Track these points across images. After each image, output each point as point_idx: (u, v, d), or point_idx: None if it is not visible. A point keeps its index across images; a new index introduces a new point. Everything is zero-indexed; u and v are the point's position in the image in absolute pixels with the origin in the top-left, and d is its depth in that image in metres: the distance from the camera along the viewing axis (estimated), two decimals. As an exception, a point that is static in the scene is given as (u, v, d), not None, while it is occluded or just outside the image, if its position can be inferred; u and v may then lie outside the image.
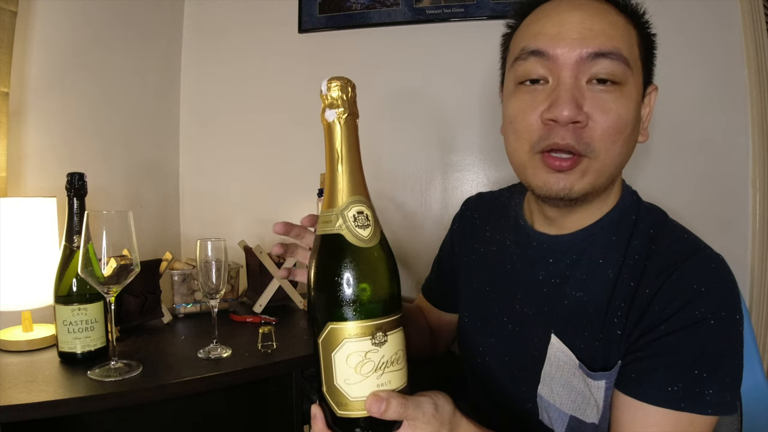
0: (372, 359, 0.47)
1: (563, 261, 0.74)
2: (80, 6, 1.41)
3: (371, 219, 0.50)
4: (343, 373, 0.48)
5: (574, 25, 0.63)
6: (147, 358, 1.00)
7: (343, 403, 0.49)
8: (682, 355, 0.60)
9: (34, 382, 0.88)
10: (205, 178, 1.85)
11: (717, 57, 1.51)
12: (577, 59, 0.63)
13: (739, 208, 1.51)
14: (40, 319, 1.15)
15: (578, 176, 0.65)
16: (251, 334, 1.16)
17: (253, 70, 1.80)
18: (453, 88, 1.66)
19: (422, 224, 1.69)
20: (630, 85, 0.64)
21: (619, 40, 0.63)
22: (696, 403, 0.59)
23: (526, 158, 0.68)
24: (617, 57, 0.62)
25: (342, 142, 0.49)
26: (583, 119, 0.62)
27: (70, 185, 0.99)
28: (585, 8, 0.64)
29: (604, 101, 0.63)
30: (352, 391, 0.48)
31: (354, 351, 0.47)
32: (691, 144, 1.52)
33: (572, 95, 0.62)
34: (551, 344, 0.71)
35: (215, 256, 1.04)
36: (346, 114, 0.49)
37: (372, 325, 0.48)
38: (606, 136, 0.63)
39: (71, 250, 0.98)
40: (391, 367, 0.49)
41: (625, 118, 0.63)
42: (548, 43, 0.64)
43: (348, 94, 0.49)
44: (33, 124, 1.27)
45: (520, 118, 0.67)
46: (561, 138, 0.63)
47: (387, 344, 0.48)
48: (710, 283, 0.62)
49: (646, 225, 0.71)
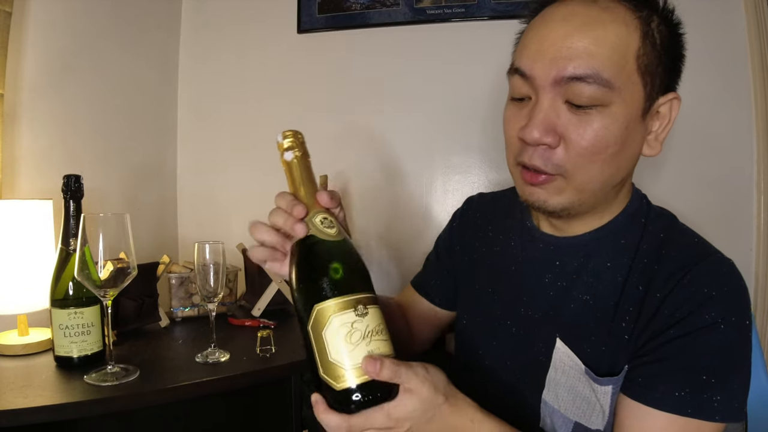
0: (358, 329, 0.54)
1: (570, 264, 0.73)
2: (76, 7, 1.42)
3: (335, 223, 0.61)
4: (335, 347, 0.53)
5: (554, 42, 0.62)
6: (144, 363, 1.01)
7: (340, 375, 0.53)
8: (690, 359, 0.60)
9: (30, 387, 0.88)
10: (203, 180, 1.86)
11: (720, 57, 1.51)
12: (552, 81, 0.62)
13: (743, 210, 1.51)
14: (36, 323, 1.16)
15: (553, 192, 0.66)
16: (250, 338, 1.16)
17: (251, 71, 1.81)
18: (454, 89, 1.66)
19: (423, 227, 1.70)
20: (616, 105, 0.61)
21: (602, 60, 0.60)
22: (703, 410, 0.59)
23: (512, 167, 0.72)
24: (594, 80, 0.60)
25: (301, 173, 0.64)
26: (553, 142, 0.62)
27: (67, 187, 0.99)
28: (574, 19, 0.62)
29: (581, 123, 0.62)
30: (346, 361, 0.53)
31: (341, 323, 0.54)
32: (694, 146, 1.53)
33: (544, 118, 0.62)
34: (556, 348, 0.71)
35: (213, 259, 1.04)
36: (300, 153, 0.64)
37: (352, 299, 0.55)
38: (580, 157, 0.62)
39: (67, 253, 0.99)
40: (377, 336, 0.55)
41: (603, 139, 0.62)
42: (527, 63, 0.65)
43: (299, 140, 0.64)
44: (28, 125, 1.28)
45: (507, 129, 0.70)
46: (528, 158, 0.65)
47: (369, 315, 0.55)
48: (721, 287, 0.62)
49: (656, 229, 0.71)
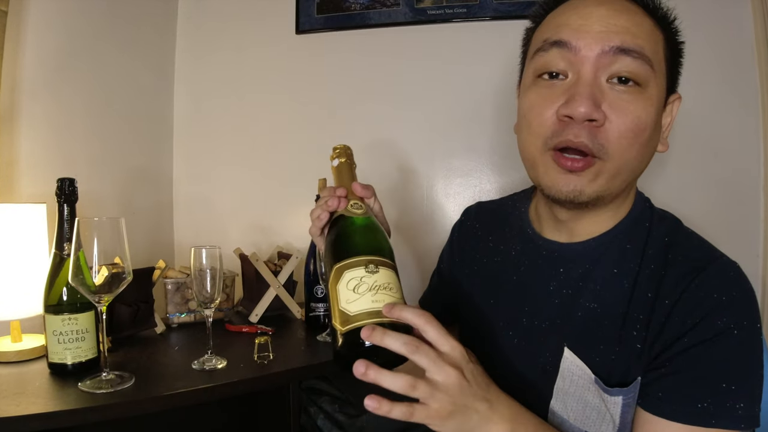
0: (366, 282, 0.59)
1: (575, 270, 0.73)
2: (72, 7, 1.42)
3: (363, 207, 0.70)
4: (344, 297, 0.59)
5: (600, 18, 0.64)
6: (139, 370, 1.01)
7: (345, 320, 0.58)
8: (708, 368, 0.60)
9: (23, 394, 0.88)
10: (200, 183, 1.85)
11: (727, 60, 1.51)
12: (599, 53, 0.63)
13: (750, 215, 1.51)
14: (29, 329, 1.16)
15: (590, 179, 0.65)
16: (247, 345, 1.16)
17: (249, 72, 1.81)
18: (455, 91, 1.66)
19: (424, 231, 1.70)
20: (652, 88, 0.64)
21: (644, 39, 0.63)
22: (729, 418, 0.59)
23: (538, 155, 0.68)
24: (640, 56, 0.62)
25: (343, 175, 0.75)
26: (600, 118, 0.62)
27: (61, 191, 0.99)
28: (612, 5, 0.65)
29: (624, 102, 0.63)
30: (352, 308, 0.58)
31: (351, 277, 0.60)
32: (700, 148, 1.53)
33: (591, 92, 0.62)
34: (564, 357, 0.71)
35: (210, 264, 1.04)
36: (344, 160, 0.76)
37: (365, 259, 0.61)
38: (622, 138, 0.63)
39: (61, 258, 0.99)
40: (384, 291, 0.59)
41: (644, 122, 0.63)
42: (571, 34, 0.65)
43: (346, 152, 0.77)
44: (22, 128, 1.28)
45: (536, 111, 0.67)
46: (575, 135, 0.63)
47: (379, 273, 0.60)
48: (730, 291, 0.62)
49: (660, 233, 0.70)
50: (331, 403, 1.15)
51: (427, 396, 0.55)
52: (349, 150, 0.78)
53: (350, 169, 0.77)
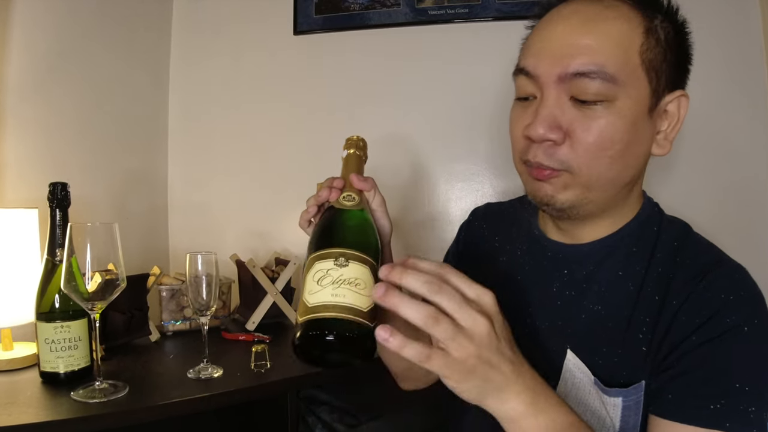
0: (331, 275, 0.58)
1: (579, 272, 0.74)
2: (63, 5, 1.41)
3: (356, 199, 0.70)
4: (308, 287, 0.58)
5: (557, 40, 0.66)
6: (134, 379, 1.00)
7: (304, 310, 0.57)
8: (719, 367, 0.60)
9: (15, 404, 0.88)
10: (195, 188, 1.85)
11: (735, 61, 1.51)
12: (556, 79, 0.65)
13: (759, 220, 1.51)
14: (20, 337, 1.16)
15: (559, 188, 0.68)
16: (244, 353, 1.16)
17: (245, 74, 1.81)
18: (456, 93, 1.67)
19: (425, 235, 1.70)
20: (622, 100, 0.64)
21: (605, 55, 0.63)
22: (740, 422, 0.59)
23: (518, 165, 0.74)
24: (598, 75, 0.62)
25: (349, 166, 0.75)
26: (558, 138, 0.64)
27: (53, 196, 0.99)
28: (576, 17, 0.66)
29: (587, 119, 0.64)
30: (311, 299, 0.57)
31: (319, 269, 0.59)
32: (707, 152, 1.52)
33: (549, 114, 0.65)
34: (567, 360, 0.71)
35: (206, 270, 1.04)
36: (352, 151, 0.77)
37: (336, 251, 0.60)
38: (587, 152, 0.65)
39: (54, 264, 0.98)
40: (347, 285, 0.57)
41: (608, 135, 0.64)
42: (530, 61, 0.68)
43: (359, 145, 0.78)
44: (13, 130, 1.28)
45: (512, 128, 0.73)
46: (533, 156, 0.68)
47: (347, 268, 0.58)
48: (737, 291, 0.63)
49: (669, 237, 0.71)
50: (330, 413, 1.14)
51: (448, 336, 0.49)
52: (361, 142, 0.79)
53: (357, 161, 0.77)
